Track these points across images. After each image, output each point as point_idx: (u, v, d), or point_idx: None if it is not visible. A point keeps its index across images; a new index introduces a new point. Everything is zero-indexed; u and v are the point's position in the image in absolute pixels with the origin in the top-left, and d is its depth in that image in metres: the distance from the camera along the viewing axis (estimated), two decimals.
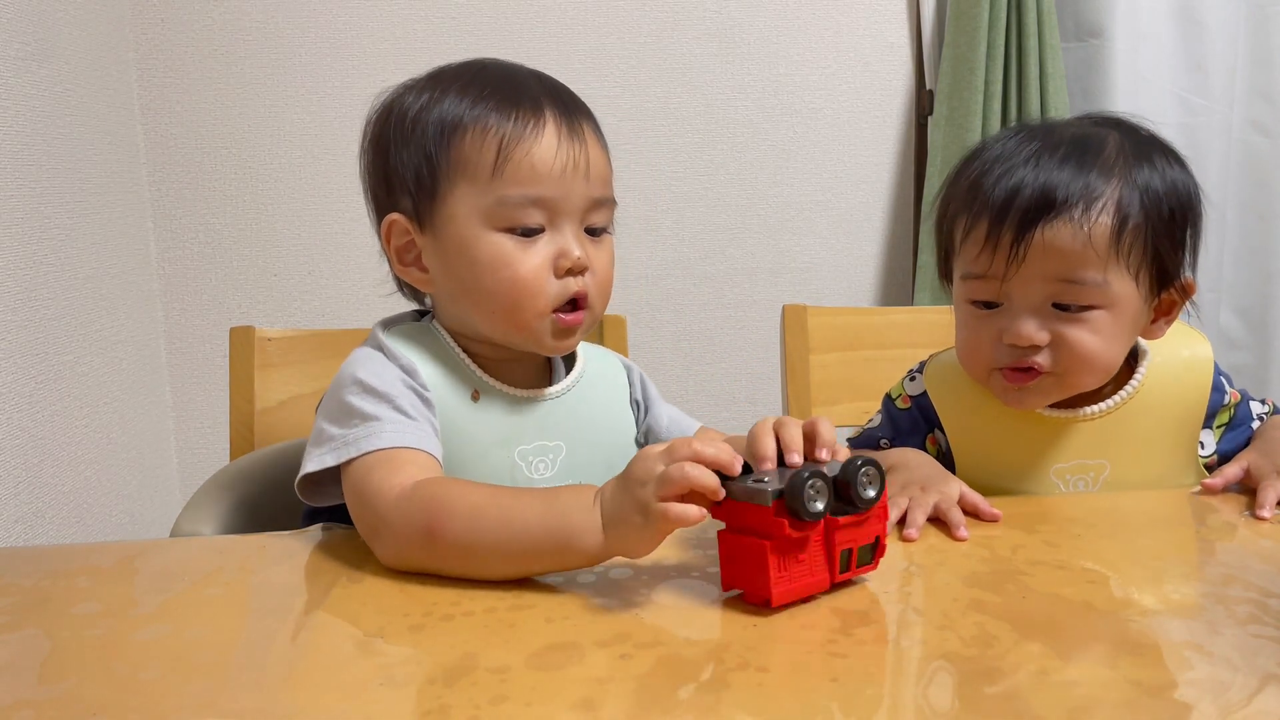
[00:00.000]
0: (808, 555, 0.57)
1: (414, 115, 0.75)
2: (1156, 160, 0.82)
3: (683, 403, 0.91)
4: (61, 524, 1.30)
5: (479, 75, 0.77)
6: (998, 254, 0.79)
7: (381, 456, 0.68)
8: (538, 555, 0.61)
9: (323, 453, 0.70)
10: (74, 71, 1.39)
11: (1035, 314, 0.80)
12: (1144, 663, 0.50)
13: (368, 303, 1.74)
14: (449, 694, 0.47)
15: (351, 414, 0.71)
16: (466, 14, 1.71)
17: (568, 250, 0.74)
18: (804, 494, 0.55)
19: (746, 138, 1.84)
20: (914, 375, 0.94)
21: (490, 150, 0.73)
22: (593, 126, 0.78)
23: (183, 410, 1.71)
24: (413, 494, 0.64)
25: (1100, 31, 1.81)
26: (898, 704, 0.46)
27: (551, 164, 0.73)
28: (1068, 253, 0.77)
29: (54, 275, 1.31)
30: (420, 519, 0.62)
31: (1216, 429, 0.89)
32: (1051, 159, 0.79)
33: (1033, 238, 0.77)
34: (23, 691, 0.48)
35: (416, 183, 0.75)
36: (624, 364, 0.90)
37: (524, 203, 0.73)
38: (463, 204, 0.74)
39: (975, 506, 0.74)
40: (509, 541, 0.60)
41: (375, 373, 0.73)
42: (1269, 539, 0.70)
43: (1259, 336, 1.99)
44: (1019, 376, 0.81)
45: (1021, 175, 0.79)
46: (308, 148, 1.69)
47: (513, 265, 0.73)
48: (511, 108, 0.74)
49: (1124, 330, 0.81)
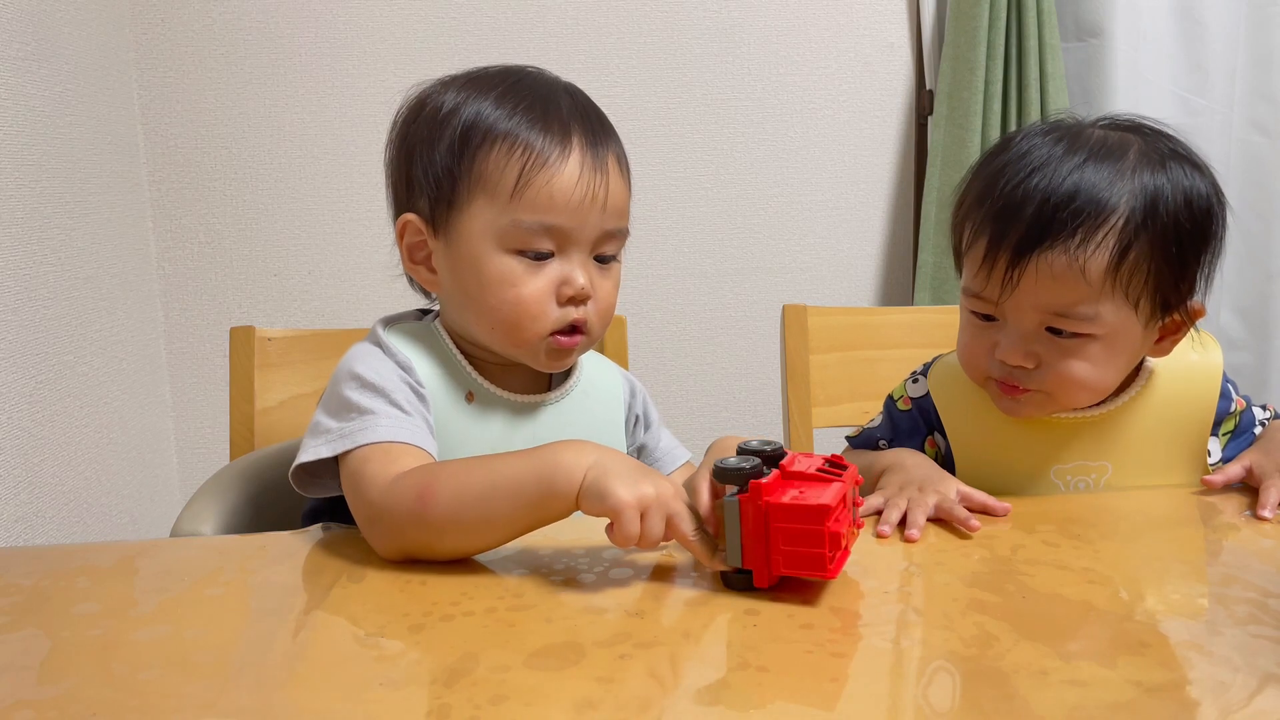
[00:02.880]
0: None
1: (444, 115, 0.76)
2: (1176, 170, 0.78)
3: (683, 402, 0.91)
4: (61, 524, 1.30)
5: (514, 87, 0.77)
6: (993, 276, 0.78)
7: (377, 449, 0.69)
8: (523, 498, 0.62)
9: (318, 444, 0.71)
10: (74, 71, 1.39)
11: (1027, 337, 0.79)
12: (1144, 663, 0.50)
13: (368, 303, 1.74)
14: (449, 694, 0.47)
15: (348, 407, 0.72)
16: (466, 14, 1.71)
17: (572, 279, 0.75)
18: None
19: (746, 138, 1.84)
20: (916, 377, 0.94)
21: (513, 171, 0.73)
22: (617, 156, 0.79)
23: (183, 410, 1.71)
24: (403, 478, 0.65)
25: (1100, 31, 1.81)
26: (898, 704, 0.46)
27: (570, 194, 0.73)
28: (1061, 284, 0.76)
29: (54, 275, 1.31)
30: (411, 494, 0.64)
31: (1222, 436, 0.89)
32: (1064, 169, 0.77)
33: (1027, 264, 0.76)
34: (23, 691, 0.48)
35: (436, 188, 0.75)
36: (625, 378, 0.90)
37: (538, 229, 0.73)
38: (478, 219, 0.74)
39: (985, 504, 0.74)
40: (494, 490, 0.62)
41: (373, 368, 0.74)
42: (1270, 539, 0.70)
43: (1259, 336, 1.99)
44: (1011, 390, 0.82)
45: (1029, 186, 0.77)
46: (308, 148, 1.69)
47: (517, 287, 0.74)
48: (541, 127, 0.74)
49: (1119, 355, 0.79)
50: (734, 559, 0.58)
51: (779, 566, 0.58)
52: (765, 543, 0.57)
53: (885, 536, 0.70)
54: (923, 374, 0.93)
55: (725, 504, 0.58)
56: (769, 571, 0.58)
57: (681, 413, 1.84)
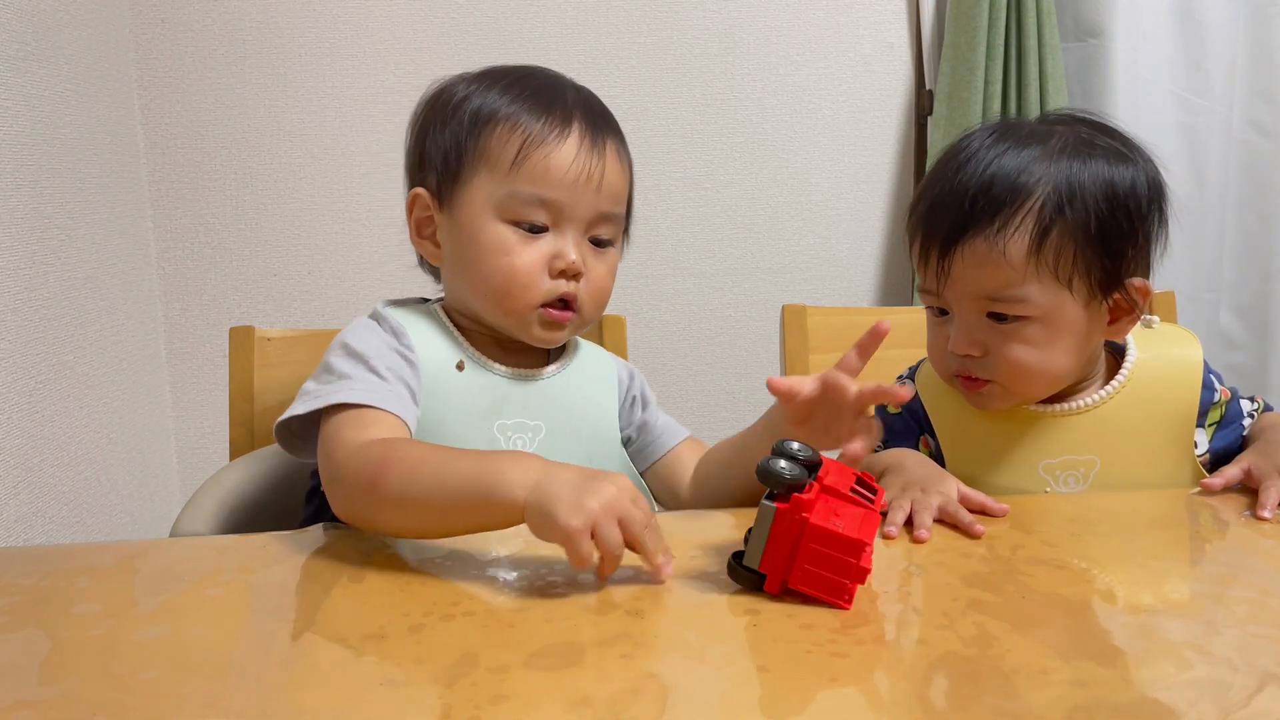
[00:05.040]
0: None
1: (456, 102, 0.82)
2: (1099, 159, 0.79)
3: (682, 401, 0.91)
4: (61, 524, 1.30)
5: (523, 79, 0.82)
6: (928, 269, 0.82)
7: (351, 414, 0.71)
8: (460, 506, 0.62)
9: (297, 405, 0.74)
10: (74, 71, 1.39)
11: (971, 326, 0.82)
12: (1144, 663, 0.50)
13: (367, 303, 1.73)
14: (449, 694, 0.47)
15: (329, 370, 0.76)
16: (466, 14, 1.71)
17: (564, 253, 0.79)
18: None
19: (746, 138, 1.84)
20: (903, 380, 0.95)
21: (513, 146, 0.78)
22: (617, 144, 0.83)
23: (183, 410, 1.71)
24: (367, 447, 0.67)
25: (1100, 31, 1.81)
26: (898, 704, 0.46)
27: (566, 170, 0.78)
28: (986, 269, 0.79)
29: (54, 275, 1.31)
30: (367, 470, 0.65)
31: (1209, 427, 0.89)
32: (987, 159, 0.79)
33: (954, 253, 0.80)
34: (23, 691, 0.48)
35: (444, 164, 0.80)
36: (621, 365, 0.93)
37: (533, 200, 0.78)
38: (480, 190, 0.79)
39: (983, 505, 0.75)
40: (438, 492, 0.62)
41: (361, 338, 0.78)
42: (1269, 539, 0.70)
43: (1259, 336, 1.99)
44: (971, 384, 0.84)
45: (956, 180, 0.80)
46: (308, 148, 1.69)
47: (510, 256, 0.78)
48: (543, 112, 0.79)
49: (1061, 336, 0.80)
50: (753, 559, 0.58)
51: (797, 581, 0.57)
52: (791, 556, 0.57)
53: (893, 537, 0.70)
54: (908, 376, 0.95)
55: (761, 507, 0.58)
56: (783, 581, 0.58)
57: (681, 413, 1.82)
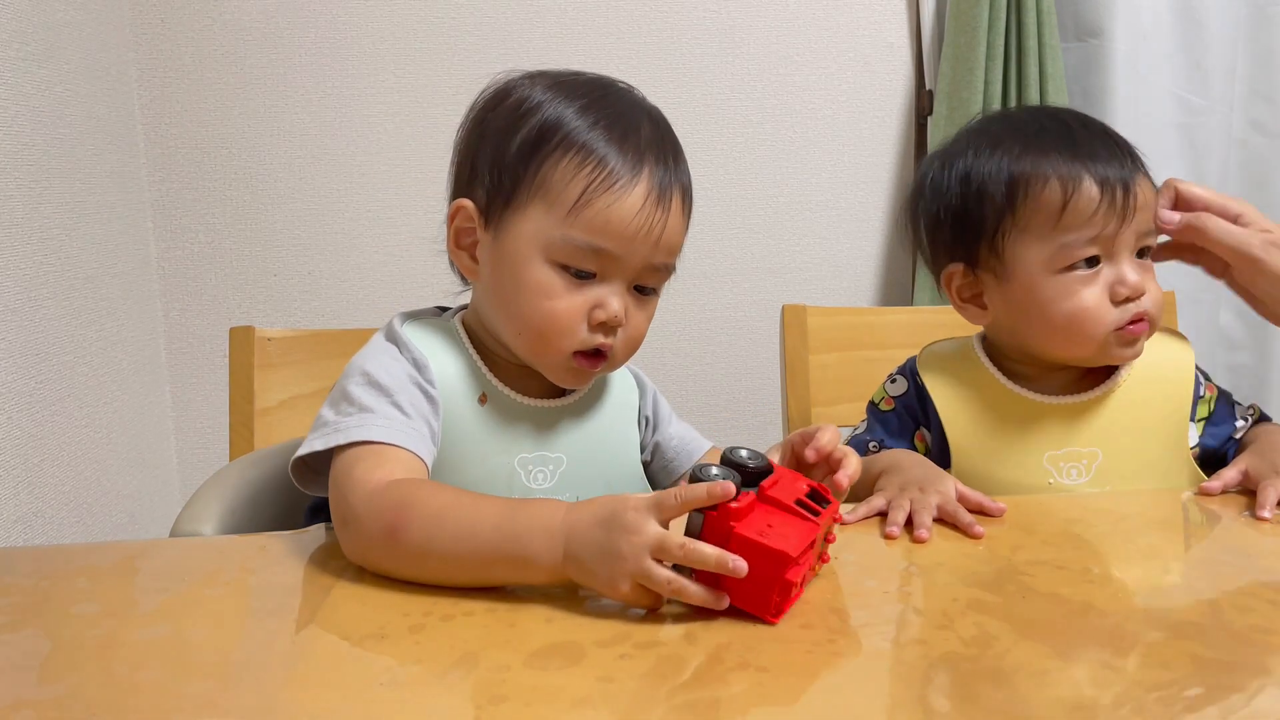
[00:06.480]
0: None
1: (525, 111, 0.75)
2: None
3: (682, 402, 0.91)
4: (61, 524, 1.30)
5: (600, 100, 0.76)
6: (1096, 214, 0.82)
7: (368, 450, 0.67)
8: (491, 569, 0.59)
9: (314, 438, 0.70)
10: (74, 71, 1.39)
11: (1137, 265, 0.85)
12: (1144, 662, 0.50)
13: (367, 303, 1.74)
14: (449, 694, 0.47)
15: (349, 402, 0.71)
16: (466, 14, 1.71)
17: (608, 304, 0.74)
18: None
19: (746, 138, 1.84)
20: (894, 377, 0.96)
21: (577, 186, 0.72)
22: (682, 192, 0.78)
23: (183, 410, 1.71)
24: (385, 492, 0.63)
25: (1100, 31, 1.80)
26: (898, 704, 0.46)
27: (628, 224, 0.72)
28: (1147, 211, 0.84)
29: (54, 275, 1.31)
30: (385, 518, 0.61)
31: (1197, 422, 0.91)
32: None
33: (1133, 191, 0.83)
34: (23, 691, 0.48)
35: (497, 182, 0.75)
36: (637, 379, 0.89)
37: (587, 249, 0.72)
38: (531, 223, 0.73)
39: (980, 504, 0.75)
40: (464, 554, 0.59)
41: (384, 366, 0.74)
42: (1269, 539, 0.70)
43: (1259, 336, 1.99)
44: (1138, 328, 0.84)
45: (1094, 127, 0.88)
46: (308, 148, 1.69)
47: (553, 300, 0.73)
48: (616, 150, 0.73)
49: None
50: (685, 569, 0.56)
51: (728, 593, 0.55)
52: None
53: (894, 537, 0.70)
54: (900, 374, 0.96)
55: (690, 515, 0.56)
56: (719, 592, 0.56)
57: (681, 413, 1.82)
